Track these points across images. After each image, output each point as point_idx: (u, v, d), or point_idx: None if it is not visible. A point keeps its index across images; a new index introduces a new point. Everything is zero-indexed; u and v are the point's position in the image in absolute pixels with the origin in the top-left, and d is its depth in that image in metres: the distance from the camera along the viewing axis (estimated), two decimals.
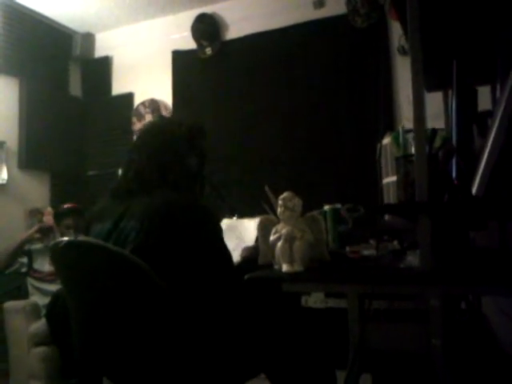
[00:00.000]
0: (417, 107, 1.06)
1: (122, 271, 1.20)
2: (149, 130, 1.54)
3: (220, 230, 1.36)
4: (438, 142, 1.26)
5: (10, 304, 2.76)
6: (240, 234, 2.04)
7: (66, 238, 1.26)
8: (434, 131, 1.23)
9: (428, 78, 1.74)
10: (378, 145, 1.79)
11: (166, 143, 1.44)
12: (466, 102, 1.38)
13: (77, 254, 1.26)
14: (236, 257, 1.71)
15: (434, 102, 1.94)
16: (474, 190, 1.08)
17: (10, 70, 3.60)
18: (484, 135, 1.23)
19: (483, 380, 1.62)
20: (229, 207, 2.14)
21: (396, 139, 1.42)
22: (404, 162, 1.18)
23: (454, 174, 1.33)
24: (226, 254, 1.34)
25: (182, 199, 1.34)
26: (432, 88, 1.90)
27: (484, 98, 1.61)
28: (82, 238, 1.32)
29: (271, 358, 1.38)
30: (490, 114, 1.32)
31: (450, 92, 1.72)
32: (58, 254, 1.30)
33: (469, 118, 1.35)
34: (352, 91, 3.33)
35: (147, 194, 1.34)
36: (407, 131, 1.51)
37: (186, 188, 1.44)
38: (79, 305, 1.34)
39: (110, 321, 1.26)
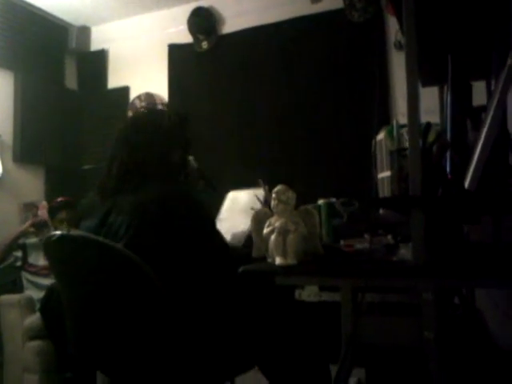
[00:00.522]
0: (411, 101, 1.07)
1: (115, 265, 1.20)
2: (130, 125, 1.50)
3: (211, 218, 1.37)
4: (432, 137, 1.26)
5: (4, 298, 2.77)
6: (231, 205, 2.06)
7: (58, 232, 1.26)
8: (429, 125, 1.23)
9: (423, 73, 1.73)
10: (373, 139, 1.79)
11: (148, 139, 1.42)
12: (461, 97, 1.38)
13: (69, 247, 1.26)
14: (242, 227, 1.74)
15: (429, 97, 1.94)
16: (466, 184, 1.08)
17: (5, 63, 3.58)
18: (478, 130, 1.23)
19: (476, 374, 1.63)
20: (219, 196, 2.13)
21: (390, 133, 1.42)
22: (398, 156, 1.18)
23: (447, 169, 1.33)
24: (221, 243, 1.35)
25: (170, 192, 1.34)
26: (427, 83, 1.90)
27: (479, 93, 1.61)
28: (74, 231, 1.32)
29: (265, 351, 1.38)
30: (484, 108, 1.32)
31: (445, 87, 1.72)
32: (51, 248, 1.30)
33: (463, 113, 1.35)
34: (348, 86, 3.32)
35: (133, 190, 1.33)
36: (402, 126, 1.51)
37: (171, 180, 1.44)
38: (72, 298, 1.34)
39: (104, 315, 1.26)
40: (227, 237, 1.68)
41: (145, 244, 1.23)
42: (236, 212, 1.96)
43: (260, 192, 1.94)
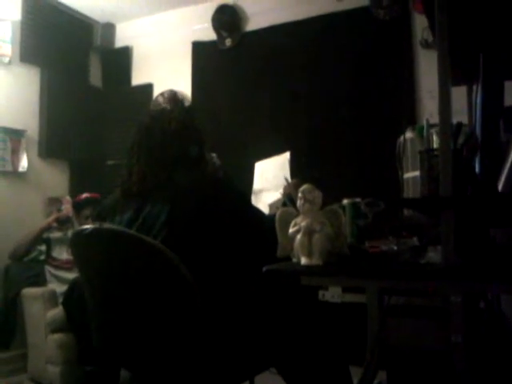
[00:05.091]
0: (443, 100, 1.04)
1: (149, 261, 1.20)
2: (139, 132, 1.51)
3: (246, 197, 1.40)
4: (461, 139, 1.23)
5: (28, 291, 2.81)
6: (261, 176, 2.15)
7: (90, 226, 1.27)
8: (459, 125, 1.20)
9: (452, 72, 1.70)
10: (400, 139, 1.76)
11: (160, 145, 1.43)
12: (493, 97, 1.35)
13: (102, 241, 1.26)
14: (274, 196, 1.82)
15: (454, 97, 1.90)
16: (500, 187, 1.05)
17: (31, 59, 3.63)
18: (510, 131, 1.20)
19: (501, 379, 1.60)
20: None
21: (420, 132, 1.39)
22: (428, 156, 1.16)
23: (477, 171, 1.31)
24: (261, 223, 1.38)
25: (202, 179, 1.40)
26: (456, 82, 1.86)
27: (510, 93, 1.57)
28: (108, 225, 1.33)
29: (285, 351, 1.37)
30: None
31: (474, 87, 1.68)
32: (83, 241, 1.30)
33: (495, 113, 1.32)
34: (373, 84, 3.28)
35: (161, 186, 1.35)
36: (430, 126, 1.48)
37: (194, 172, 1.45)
38: (99, 293, 1.34)
39: (132, 311, 1.26)
40: (265, 209, 1.76)
41: (185, 233, 1.25)
42: (267, 181, 2.03)
43: (282, 157, 2.02)
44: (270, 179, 2.06)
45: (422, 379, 1.81)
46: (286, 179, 1.65)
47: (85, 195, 3.18)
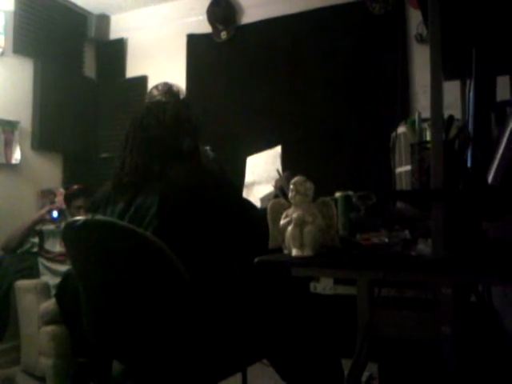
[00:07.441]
0: (435, 93, 1.05)
1: (141, 252, 1.20)
2: (135, 122, 1.50)
3: (238, 190, 1.40)
4: (453, 131, 1.24)
5: (21, 283, 2.80)
6: (253, 170, 2.16)
7: (81, 217, 1.26)
8: (451, 118, 1.21)
9: (446, 66, 1.70)
10: (393, 133, 1.77)
11: (153, 137, 1.43)
12: (485, 91, 1.36)
13: (94, 233, 1.26)
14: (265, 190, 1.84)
15: (448, 91, 1.91)
16: (489, 179, 1.06)
17: (25, 51, 3.60)
18: (502, 124, 1.21)
19: (491, 372, 1.61)
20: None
21: (412, 125, 1.40)
22: (419, 148, 1.16)
23: (469, 163, 1.31)
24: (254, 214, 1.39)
25: (197, 172, 1.39)
26: (449, 76, 1.87)
27: (502, 88, 1.58)
28: (100, 217, 1.33)
29: (276, 343, 1.38)
30: (508, 103, 1.29)
31: (467, 81, 1.69)
32: (74, 233, 1.30)
33: (487, 107, 1.33)
34: (367, 78, 3.29)
35: (154, 178, 1.35)
36: (423, 120, 1.49)
37: (187, 165, 1.45)
38: (91, 285, 1.34)
39: (124, 303, 1.26)
40: (256, 203, 1.77)
41: (176, 225, 1.25)
42: (259, 175, 2.04)
43: (273, 151, 2.03)
44: (260, 173, 2.07)
45: (413, 371, 1.83)
46: (279, 172, 1.65)
47: (75, 186, 3.16)
